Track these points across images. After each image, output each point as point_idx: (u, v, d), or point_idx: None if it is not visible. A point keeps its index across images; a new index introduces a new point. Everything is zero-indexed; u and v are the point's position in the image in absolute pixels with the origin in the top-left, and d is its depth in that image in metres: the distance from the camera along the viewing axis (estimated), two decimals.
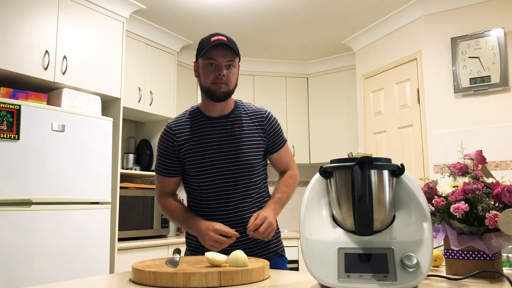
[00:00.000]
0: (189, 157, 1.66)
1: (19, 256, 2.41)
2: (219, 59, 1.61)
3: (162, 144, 1.70)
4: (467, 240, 1.20)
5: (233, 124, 1.69)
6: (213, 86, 1.62)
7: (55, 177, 2.63)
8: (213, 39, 1.63)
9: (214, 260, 1.23)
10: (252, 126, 1.71)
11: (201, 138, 1.67)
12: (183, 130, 1.69)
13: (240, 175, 1.66)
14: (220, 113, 1.70)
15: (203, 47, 1.64)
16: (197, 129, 1.69)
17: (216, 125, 1.69)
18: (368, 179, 1.05)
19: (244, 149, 1.66)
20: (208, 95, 1.65)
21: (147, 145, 4.02)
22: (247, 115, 1.72)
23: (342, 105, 4.52)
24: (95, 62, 3.11)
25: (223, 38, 1.64)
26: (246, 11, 3.57)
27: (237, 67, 1.67)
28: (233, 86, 1.66)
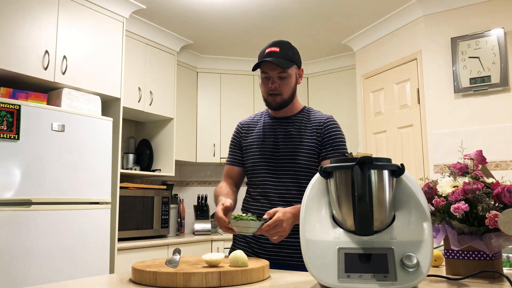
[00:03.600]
0: (249, 149, 1.80)
1: (19, 256, 2.41)
2: (270, 72, 1.70)
3: (232, 136, 1.90)
4: (467, 240, 1.20)
5: (292, 125, 1.77)
6: (268, 98, 1.75)
7: (55, 177, 2.63)
8: (267, 51, 1.71)
9: (211, 260, 1.23)
10: (310, 130, 1.76)
11: (261, 135, 1.79)
12: (249, 125, 1.86)
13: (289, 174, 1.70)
14: (284, 115, 1.80)
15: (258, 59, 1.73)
16: (259, 125, 1.82)
17: (276, 124, 1.79)
18: (368, 179, 1.05)
19: (296, 150, 1.71)
20: (267, 104, 1.78)
21: (147, 145, 4.02)
22: (309, 119, 1.79)
23: (342, 105, 4.52)
24: (95, 62, 3.11)
25: (275, 49, 1.70)
26: (246, 11, 3.57)
27: (292, 76, 1.73)
28: (287, 95, 1.74)
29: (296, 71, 1.75)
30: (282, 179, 1.70)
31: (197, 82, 4.55)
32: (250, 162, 1.78)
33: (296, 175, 1.70)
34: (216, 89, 4.59)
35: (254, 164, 1.76)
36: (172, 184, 4.00)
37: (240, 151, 1.84)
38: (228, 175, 1.85)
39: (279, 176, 1.70)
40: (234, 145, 1.87)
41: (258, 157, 1.75)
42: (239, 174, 1.85)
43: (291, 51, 1.72)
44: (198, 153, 4.42)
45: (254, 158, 1.76)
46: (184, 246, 3.66)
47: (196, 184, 4.76)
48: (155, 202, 3.66)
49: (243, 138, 1.84)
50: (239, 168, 1.84)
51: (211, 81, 4.59)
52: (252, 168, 1.77)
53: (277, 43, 1.72)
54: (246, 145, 1.81)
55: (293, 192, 1.69)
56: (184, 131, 4.29)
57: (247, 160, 1.80)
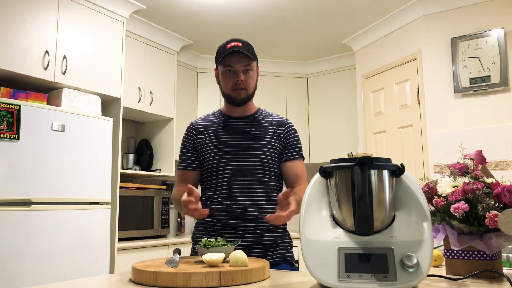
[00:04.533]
0: (206, 151, 1.73)
1: (19, 256, 2.41)
2: (236, 65, 1.68)
3: (184, 140, 1.82)
4: (467, 240, 1.20)
5: (252, 124, 1.76)
6: (233, 93, 1.71)
7: (55, 177, 2.63)
8: (229, 45, 1.69)
9: (211, 260, 1.23)
10: (271, 129, 1.76)
11: (219, 134, 1.74)
12: (204, 126, 1.79)
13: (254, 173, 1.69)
14: (240, 114, 1.78)
15: (220, 55, 1.70)
16: (217, 126, 1.77)
17: (235, 123, 1.76)
18: (368, 179, 1.04)
19: (260, 148, 1.70)
20: (229, 101, 1.75)
21: (147, 145, 4.02)
22: (268, 120, 1.80)
23: (342, 105, 4.52)
24: (95, 62, 3.11)
25: (238, 44, 1.69)
26: (246, 11, 3.57)
27: (254, 71, 1.74)
28: (251, 90, 1.74)
29: (256, 67, 1.75)
30: (246, 178, 1.67)
31: (197, 82, 4.55)
32: (210, 163, 1.71)
33: (260, 173, 1.69)
34: (216, 89, 4.58)
35: (215, 165, 1.69)
36: (172, 184, 4.00)
37: (194, 155, 1.76)
38: (182, 180, 1.77)
39: (243, 175, 1.67)
40: (186, 148, 1.78)
41: (220, 157, 1.69)
42: (195, 179, 1.77)
43: (252, 47, 1.73)
44: None
45: (215, 158, 1.70)
46: (184, 246, 3.65)
47: None
48: (155, 202, 3.66)
49: (198, 140, 1.77)
50: (194, 172, 1.76)
51: (211, 81, 4.59)
52: (213, 170, 1.70)
53: (238, 39, 1.71)
54: (203, 147, 1.74)
55: (258, 190, 1.68)
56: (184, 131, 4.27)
57: (205, 161, 1.72)
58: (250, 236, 1.65)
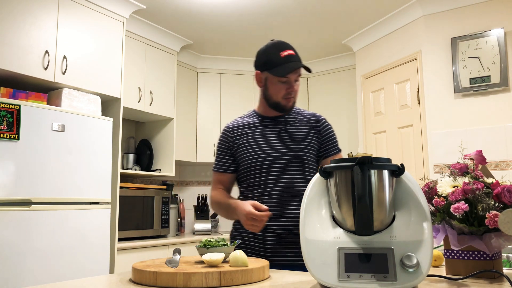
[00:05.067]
0: (243, 151, 1.74)
1: (19, 256, 2.41)
2: (291, 76, 1.68)
3: (219, 143, 1.82)
4: (467, 240, 1.20)
5: (287, 123, 1.77)
6: (283, 101, 1.71)
7: (55, 177, 2.63)
8: (283, 54, 1.66)
9: (211, 260, 1.23)
10: (307, 127, 1.77)
11: (255, 134, 1.75)
12: (239, 128, 1.79)
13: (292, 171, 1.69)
14: (275, 114, 1.78)
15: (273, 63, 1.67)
16: (253, 126, 1.77)
17: (271, 123, 1.77)
18: (368, 179, 1.04)
19: (298, 146, 1.71)
20: (277, 108, 1.74)
21: (147, 145, 4.02)
22: (302, 117, 1.80)
23: (342, 105, 4.52)
24: (95, 62, 3.11)
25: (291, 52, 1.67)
26: (246, 11, 3.57)
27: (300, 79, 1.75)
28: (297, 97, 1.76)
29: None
30: (287, 177, 1.68)
31: (197, 82, 4.55)
32: (248, 163, 1.72)
33: (298, 171, 1.70)
34: (216, 89, 4.59)
35: (253, 164, 1.71)
36: (172, 184, 4.00)
37: (230, 157, 1.78)
38: (219, 182, 1.80)
39: (283, 173, 1.68)
40: (222, 151, 1.79)
41: (258, 157, 1.71)
42: (231, 181, 1.80)
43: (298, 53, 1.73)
44: (198, 153, 4.42)
45: (253, 158, 1.71)
46: (184, 246, 3.66)
47: (196, 184, 4.76)
48: (155, 202, 3.66)
49: (234, 142, 1.77)
50: (230, 174, 1.78)
51: (211, 81, 4.59)
52: (251, 169, 1.72)
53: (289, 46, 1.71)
54: (241, 148, 1.75)
55: (297, 188, 1.69)
56: (184, 131, 4.29)
57: (243, 161, 1.74)
58: (289, 235, 1.65)
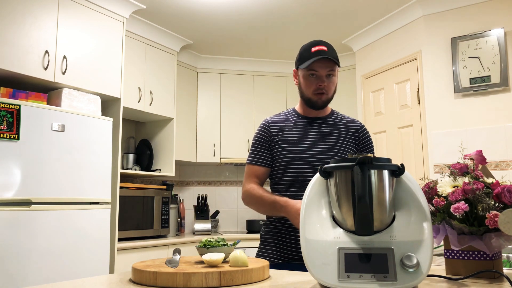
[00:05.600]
0: (280, 148, 1.72)
1: (19, 256, 2.41)
2: (320, 70, 1.67)
3: (257, 136, 1.80)
4: (467, 240, 1.20)
5: (328, 126, 1.77)
6: (314, 97, 1.71)
7: (55, 177, 2.63)
8: (313, 49, 1.68)
9: (211, 260, 1.23)
10: (346, 132, 1.77)
11: (295, 133, 1.74)
12: (279, 124, 1.77)
13: None
14: (316, 115, 1.79)
15: (304, 58, 1.69)
16: (292, 124, 1.76)
17: (311, 123, 1.76)
18: (368, 179, 1.04)
19: (336, 150, 1.71)
20: (309, 104, 1.74)
21: (147, 145, 4.02)
22: (343, 122, 1.81)
23: (342, 105, 4.51)
24: (95, 62, 3.11)
25: (323, 48, 1.67)
26: (246, 11, 3.57)
27: (336, 75, 1.73)
28: (331, 94, 1.74)
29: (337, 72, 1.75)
30: None
31: (197, 82, 4.55)
32: (285, 161, 1.71)
33: None
34: (216, 89, 4.59)
35: (291, 163, 1.69)
36: (172, 184, 4.00)
37: (268, 151, 1.76)
38: (255, 175, 1.76)
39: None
40: (261, 144, 1.77)
41: (296, 156, 1.69)
42: (265, 175, 1.78)
43: (335, 52, 1.72)
44: (198, 153, 4.42)
45: (291, 157, 1.70)
46: (184, 246, 3.66)
47: (196, 184, 4.76)
48: (155, 202, 3.66)
49: (272, 137, 1.76)
50: (266, 169, 1.76)
51: (211, 81, 4.59)
52: (288, 167, 1.70)
53: (323, 42, 1.70)
54: (278, 144, 1.74)
55: None
56: (184, 131, 4.29)
57: (280, 159, 1.72)
58: None
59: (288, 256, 1.67)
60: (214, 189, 4.80)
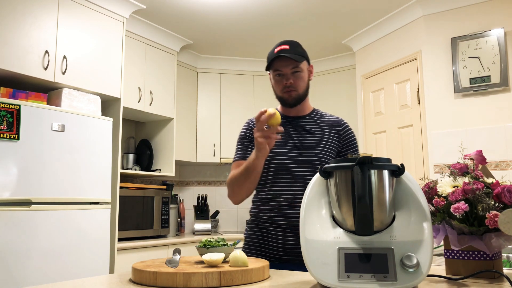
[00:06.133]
0: None
1: (19, 256, 2.41)
2: (284, 69, 1.71)
3: (242, 134, 1.83)
4: (467, 240, 1.20)
5: (309, 124, 1.78)
6: (284, 95, 1.75)
7: (55, 177, 2.63)
8: (276, 50, 1.71)
9: (211, 260, 1.23)
10: (328, 130, 1.78)
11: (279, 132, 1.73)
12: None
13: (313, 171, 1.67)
14: (296, 114, 1.81)
15: (268, 59, 1.73)
16: None
17: (293, 122, 1.78)
18: (368, 179, 1.04)
19: (318, 148, 1.72)
20: (282, 103, 1.78)
21: (147, 145, 4.02)
22: (324, 120, 1.82)
23: (342, 105, 4.52)
24: (95, 62, 3.11)
25: (285, 47, 1.71)
26: (246, 11, 3.57)
27: (304, 71, 1.74)
28: (302, 90, 1.76)
29: (307, 67, 1.76)
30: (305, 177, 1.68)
31: (197, 82, 4.55)
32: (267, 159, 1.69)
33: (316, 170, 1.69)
34: (216, 89, 4.59)
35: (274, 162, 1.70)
36: (172, 184, 4.00)
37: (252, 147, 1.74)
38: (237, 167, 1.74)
39: (302, 173, 1.68)
40: (247, 141, 1.79)
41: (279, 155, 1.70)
42: None
43: (300, 47, 1.74)
44: (198, 153, 4.42)
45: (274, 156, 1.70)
46: (184, 246, 3.66)
47: (196, 184, 4.76)
48: (155, 202, 3.66)
49: None
50: None
51: (211, 81, 4.59)
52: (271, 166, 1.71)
53: (285, 41, 1.74)
54: None
55: None
56: (184, 131, 4.29)
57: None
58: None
59: (273, 256, 1.66)
60: (214, 189, 4.80)
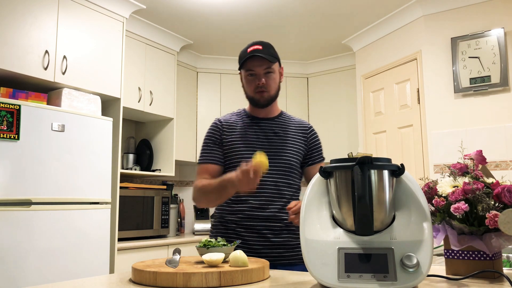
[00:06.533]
0: (233, 148, 1.73)
1: (18, 256, 2.41)
2: (257, 68, 1.71)
3: (208, 134, 1.80)
4: (467, 240, 1.20)
5: (277, 126, 1.79)
6: (255, 95, 1.74)
7: (55, 177, 2.63)
8: (249, 49, 1.72)
9: (211, 260, 1.23)
10: (295, 132, 1.79)
11: (247, 133, 1.75)
12: (231, 124, 1.79)
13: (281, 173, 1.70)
14: (265, 116, 1.81)
15: (241, 59, 1.73)
16: (244, 125, 1.78)
17: (261, 124, 1.78)
18: (368, 179, 1.04)
19: (286, 150, 1.73)
20: (253, 103, 1.78)
21: (147, 145, 4.02)
22: (292, 123, 1.83)
23: (342, 105, 4.52)
24: (95, 62, 3.11)
25: (258, 47, 1.71)
26: (246, 11, 3.57)
27: (276, 72, 1.76)
28: (274, 91, 1.77)
29: (278, 68, 1.78)
30: (273, 179, 1.68)
31: (197, 82, 4.55)
32: (234, 160, 1.71)
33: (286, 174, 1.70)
34: (216, 89, 4.59)
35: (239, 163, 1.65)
36: (172, 184, 4.00)
37: (219, 150, 1.75)
38: (206, 173, 1.72)
39: (270, 175, 1.68)
40: (213, 142, 1.76)
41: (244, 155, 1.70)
42: (218, 173, 1.73)
43: (272, 49, 1.76)
44: (198, 153, 4.42)
45: (240, 156, 1.70)
46: (184, 246, 3.66)
47: None
48: (155, 202, 3.66)
49: (225, 136, 1.76)
50: (218, 166, 1.74)
51: (211, 81, 4.59)
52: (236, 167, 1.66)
53: (258, 42, 1.75)
54: (230, 144, 1.74)
55: (284, 191, 1.70)
56: (184, 131, 4.29)
57: (232, 159, 1.72)
58: (272, 236, 1.66)
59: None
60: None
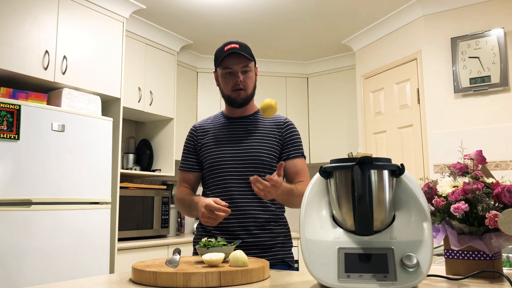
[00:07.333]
0: (205, 151, 1.76)
1: (19, 256, 2.41)
2: (234, 66, 1.71)
3: (186, 142, 1.86)
4: (467, 240, 1.20)
5: (250, 124, 1.78)
6: (233, 94, 1.74)
7: (55, 177, 2.63)
8: (226, 48, 1.72)
9: (211, 260, 1.23)
10: (269, 128, 1.78)
11: (219, 134, 1.77)
12: (205, 128, 1.83)
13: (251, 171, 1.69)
14: (240, 115, 1.81)
15: (218, 57, 1.73)
16: (217, 127, 1.80)
17: (233, 123, 1.79)
18: (368, 179, 1.04)
19: (257, 147, 1.72)
20: (230, 102, 1.77)
21: (147, 145, 4.02)
22: (267, 119, 1.81)
23: (342, 105, 4.52)
24: (95, 62, 3.11)
25: (235, 45, 1.72)
26: (246, 11, 3.57)
27: (253, 71, 1.76)
28: (250, 90, 1.77)
29: (254, 68, 1.78)
30: (244, 177, 1.68)
31: (197, 82, 4.55)
32: (208, 163, 1.74)
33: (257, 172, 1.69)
34: (216, 89, 4.54)
35: (213, 165, 1.72)
36: (172, 184, 4.00)
37: (195, 156, 1.81)
38: (184, 181, 1.81)
39: (241, 174, 1.68)
40: (188, 150, 1.83)
41: (218, 157, 1.71)
42: (196, 180, 1.81)
43: (248, 48, 1.76)
44: None
45: (213, 158, 1.72)
46: (184, 246, 3.65)
47: None
48: (155, 202, 3.66)
49: (198, 141, 1.80)
50: (195, 173, 1.80)
51: (211, 81, 4.59)
52: (211, 169, 1.73)
53: (235, 41, 1.75)
54: (203, 147, 1.78)
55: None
56: (184, 131, 4.28)
57: (205, 160, 1.76)
58: (246, 236, 1.66)
59: None
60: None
